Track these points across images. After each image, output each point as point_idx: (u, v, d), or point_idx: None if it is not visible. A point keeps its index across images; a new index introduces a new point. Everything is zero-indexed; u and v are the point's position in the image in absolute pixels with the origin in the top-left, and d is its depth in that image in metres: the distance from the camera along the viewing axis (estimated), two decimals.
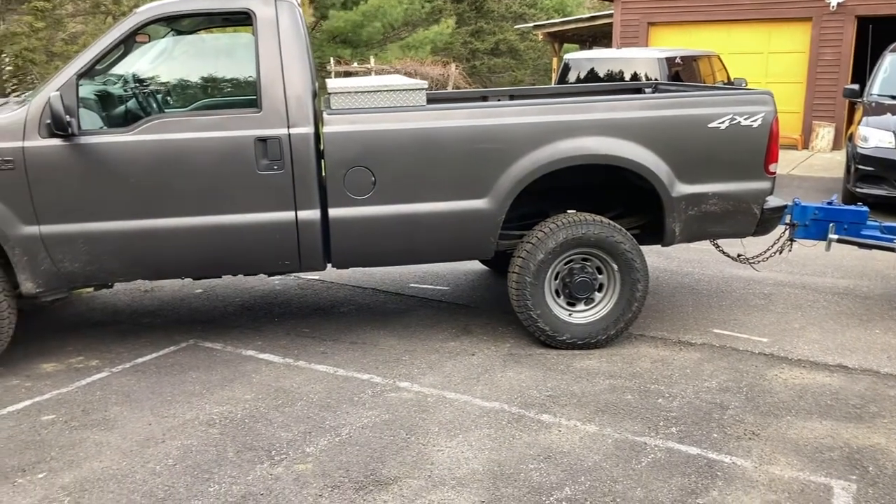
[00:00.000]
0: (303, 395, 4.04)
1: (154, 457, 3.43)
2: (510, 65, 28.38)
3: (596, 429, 3.67)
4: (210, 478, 3.27)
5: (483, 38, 28.12)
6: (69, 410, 3.89)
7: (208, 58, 5.14)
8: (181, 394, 4.06)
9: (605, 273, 4.59)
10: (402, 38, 24.87)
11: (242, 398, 4.01)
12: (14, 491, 3.19)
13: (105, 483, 3.23)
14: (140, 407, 3.92)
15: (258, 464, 3.38)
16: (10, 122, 4.07)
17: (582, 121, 4.37)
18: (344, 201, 4.31)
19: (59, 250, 4.15)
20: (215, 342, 4.78)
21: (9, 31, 13.87)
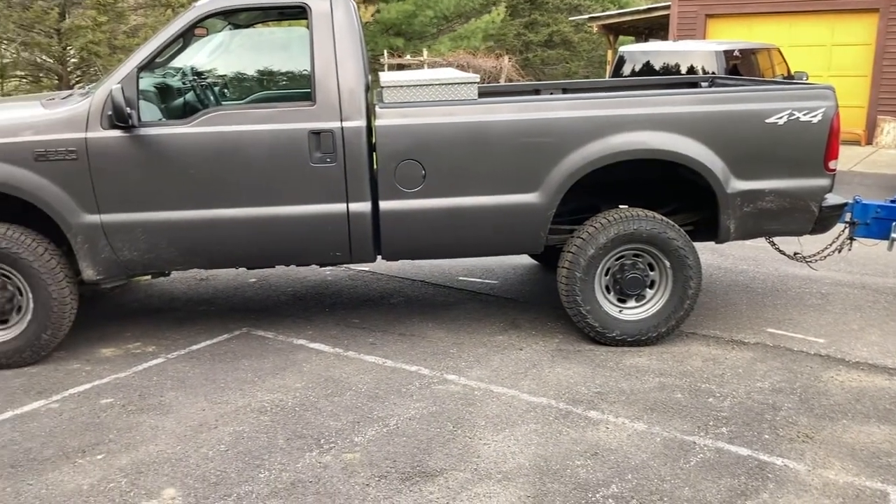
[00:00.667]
0: (352, 385, 4.09)
1: (207, 442, 3.52)
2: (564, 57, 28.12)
3: (644, 427, 3.64)
4: (261, 464, 3.34)
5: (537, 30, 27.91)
6: (126, 395, 4.01)
7: (264, 51, 5.22)
8: (234, 381, 4.15)
9: (657, 270, 4.54)
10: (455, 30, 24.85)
11: (293, 386, 4.08)
12: (74, 470, 3.30)
13: (160, 466, 3.33)
14: (194, 393, 4.02)
15: (307, 452, 3.43)
16: (74, 114, 4.19)
17: (636, 115, 4.31)
18: (394, 194, 4.34)
19: (119, 239, 4.27)
20: (267, 331, 4.87)
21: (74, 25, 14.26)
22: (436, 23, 24.55)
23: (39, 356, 4.36)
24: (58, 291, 4.27)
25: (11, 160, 4.13)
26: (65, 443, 3.52)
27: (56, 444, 3.51)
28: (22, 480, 3.23)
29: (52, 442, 3.53)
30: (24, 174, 4.13)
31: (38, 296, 4.26)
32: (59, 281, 4.27)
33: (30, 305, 4.30)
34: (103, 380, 4.18)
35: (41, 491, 3.15)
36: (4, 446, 3.50)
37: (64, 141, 4.15)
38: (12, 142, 4.14)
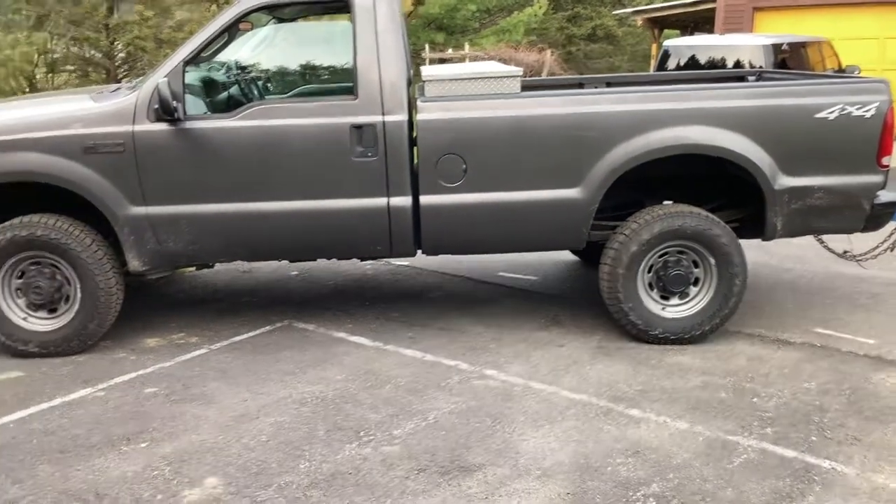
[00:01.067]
0: (391, 378, 4.10)
1: (248, 432, 3.56)
2: (607, 51, 27.84)
3: (686, 426, 3.58)
4: (301, 455, 3.36)
5: (580, 24, 27.68)
6: (170, 384, 4.07)
7: (307, 45, 5.25)
8: (275, 372, 4.18)
9: (702, 267, 4.46)
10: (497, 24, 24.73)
11: (333, 379, 4.10)
12: (119, 457, 3.36)
13: (202, 455, 3.37)
14: (236, 383, 4.06)
15: (347, 444, 3.45)
16: (121, 108, 4.26)
17: (682, 109, 4.25)
18: (435, 188, 4.33)
19: (164, 230, 4.33)
20: (308, 323, 4.90)
21: (122, 20, 14.52)
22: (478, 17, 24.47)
23: (86, 345, 4.45)
24: (104, 282, 4.35)
25: (62, 152, 4.21)
26: (110, 430, 3.59)
27: (102, 432, 3.58)
28: (70, 466, 3.30)
29: (99, 429, 3.60)
30: (73, 166, 4.22)
31: (86, 286, 4.35)
32: (105, 271, 4.35)
33: (77, 295, 4.39)
34: (148, 369, 4.26)
35: (88, 476, 3.22)
36: (53, 432, 3.58)
37: (112, 134, 4.22)
38: (63, 134, 4.23)
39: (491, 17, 25.34)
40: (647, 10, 18.50)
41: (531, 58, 20.05)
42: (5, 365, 4.34)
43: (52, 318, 4.44)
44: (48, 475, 3.23)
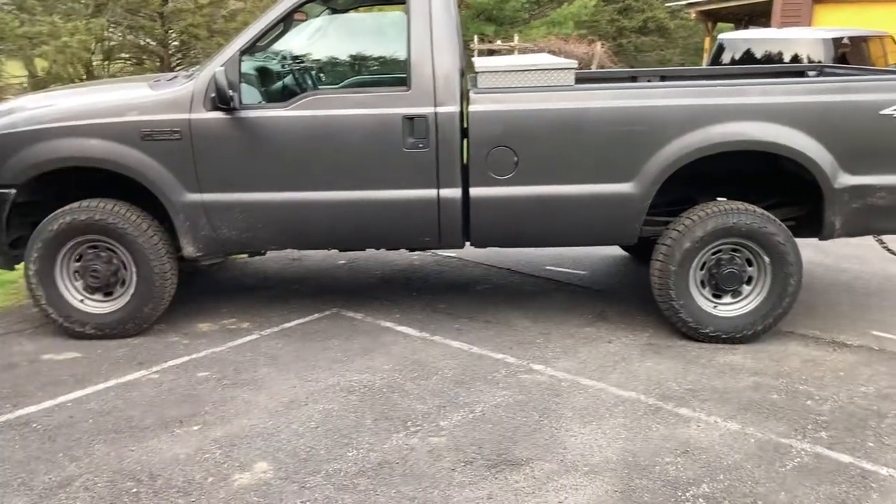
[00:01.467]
0: (438, 369, 4.11)
1: (297, 418, 3.60)
2: (658, 44, 27.42)
3: (738, 427, 3.52)
4: (349, 443, 3.39)
5: (631, 16, 27.29)
6: (221, 369, 4.14)
7: (361, 36, 5.27)
8: (324, 360, 4.22)
9: (756, 265, 4.38)
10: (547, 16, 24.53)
11: (381, 368, 4.12)
12: (172, 439, 3.43)
13: (252, 440, 3.42)
14: (286, 370, 4.11)
15: (394, 433, 3.47)
16: (178, 96, 4.33)
17: (739, 104, 4.16)
18: (485, 181, 4.32)
19: (219, 217, 4.40)
20: (356, 312, 4.94)
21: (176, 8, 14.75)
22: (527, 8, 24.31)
23: (141, 328, 4.55)
24: (159, 266, 4.44)
25: (120, 139, 4.30)
26: (164, 412, 3.66)
27: (155, 414, 3.65)
28: (124, 446, 3.38)
29: (152, 411, 3.68)
30: (131, 153, 4.30)
31: (141, 270, 4.44)
32: (160, 256, 4.44)
33: (133, 279, 4.48)
34: (200, 353, 4.33)
35: (141, 457, 3.29)
36: (109, 413, 3.67)
37: (169, 121, 4.29)
38: (121, 121, 4.31)
39: (541, 9, 25.15)
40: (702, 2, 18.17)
41: (581, 50, 19.87)
42: (63, 346, 4.46)
43: (108, 300, 4.55)
44: (104, 454, 3.31)
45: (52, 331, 4.62)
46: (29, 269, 4.42)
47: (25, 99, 4.95)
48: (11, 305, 5.18)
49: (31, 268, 4.41)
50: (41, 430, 3.51)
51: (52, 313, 4.48)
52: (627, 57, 26.55)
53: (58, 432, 3.49)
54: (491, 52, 19.77)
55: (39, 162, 4.35)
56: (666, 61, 26.52)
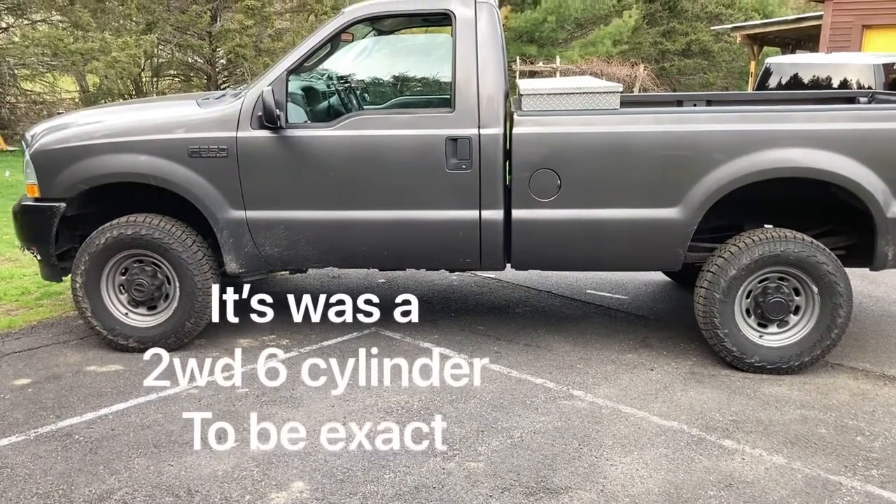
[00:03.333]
0: (476, 392, 4.07)
1: (335, 440, 3.58)
2: (702, 67, 27.21)
3: (784, 461, 3.42)
4: (385, 465, 3.37)
5: (674, 39, 27.15)
6: (260, 386, 4.14)
7: (406, 57, 5.30)
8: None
9: (803, 295, 4.28)
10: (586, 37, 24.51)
11: (419, 389, 4.10)
12: (211, 456, 3.44)
13: (290, 459, 3.42)
14: (324, 388, 4.10)
15: (431, 457, 3.44)
16: (226, 114, 4.39)
17: (788, 130, 4.09)
18: (528, 203, 4.30)
19: (262, 235, 4.43)
20: (395, 332, 4.93)
21: (224, 29, 15.05)
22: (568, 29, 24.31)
23: (183, 342, 4.59)
24: (203, 282, 4.49)
25: (168, 155, 4.37)
26: (203, 428, 3.66)
27: (195, 429, 3.66)
28: (164, 461, 3.40)
29: (191, 426, 3.69)
30: (178, 169, 4.37)
31: (185, 285, 4.49)
32: (204, 272, 4.49)
33: (176, 294, 4.54)
34: (240, 370, 4.34)
35: (181, 472, 3.30)
36: (149, 426, 3.70)
37: (216, 139, 4.35)
38: (170, 138, 4.39)
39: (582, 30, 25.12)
40: (747, 26, 18.02)
41: (623, 72, 19.81)
42: (106, 358, 4.52)
43: (151, 314, 4.60)
44: (143, 468, 3.33)
45: (96, 343, 4.69)
46: (76, 281, 4.50)
47: (77, 114, 5.07)
48: (58, 317, 5.27)
49: (78, 280, 4.49)
50: (83, 442, 3.55)
51: (96, 325, 4.55)
52: (670, 79, 26.39)
53: (99, 445, 3.53)
54: (532, 74, 19.80)
55: (89, 177, 4.44)
56: (709, 85, 26.31)
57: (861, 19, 13.62)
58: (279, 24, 17.16)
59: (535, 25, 22.20)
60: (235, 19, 15.05)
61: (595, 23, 25.07)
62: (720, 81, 27.05)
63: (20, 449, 3.50)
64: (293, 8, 17.37)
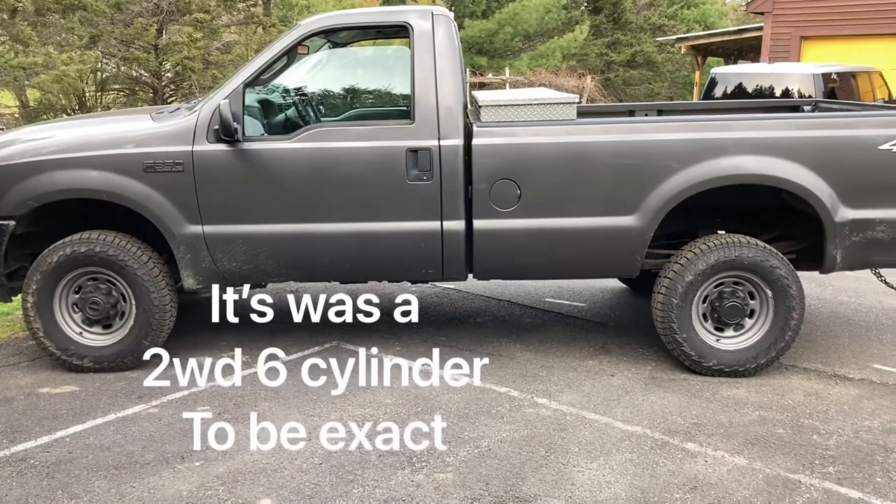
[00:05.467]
0: (441, 404, 4.07)
1: (301, 454, 3.55)
2: (647, 77, 27.78)
3: (745, 462, 3.50)
4: (353, 479, 3.34)
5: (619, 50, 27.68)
6: (222, 403, 4.08)
7: (362, 69, 5.30)
8: (325, 394, 4.17)
9: (758, 298, 4.38)
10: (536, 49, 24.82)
11: (383, 402, 4.08)
12: (174, 476, 3.37)
13: (256, 476, 3.37)
14: (287, 405, 4.06)
15: (399, 469, 3.42)
16: (181, 128, 4.33)
17: (740, 138, 4.20)
18: (489, 213, 4.33)
19: (220, 249, 4.37)
20: (357, 345, 4.89)
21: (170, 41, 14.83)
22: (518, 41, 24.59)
23: (140, 361, 4.49)
24: (159, 299, 4.40)
25: (122, 171, 4.28)
26: (164, 448, 3.60)
27: (156, 449, 3.59)
28: (125, 483, 3.32)
29: (153, 446, 3.62)
30: (133, 185, 4.28)
31: (141, 302, 4.40)
32: (161, 289, 4.40)
33: (132, 312, 4.44)
34: (199, 387, 4.27)
35: (143, 494, 3.23)
36: (108, 448, 3.61)
37: (171, 153, 4.28)
38: (124, 153, 4.30)
39: (530, 42, 25.45)
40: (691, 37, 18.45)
41: (571, 83, 20.09)
42: (61, 379, 4.40)
43: (106, 333, 4.50)
44: (104, 491, 3.25)
45: (49, 364, 4.56)
46: (27, 300, 4.37)
47: (25, 130, 4.93)
48: (7, 338, 5.12)
49: (30, 300, 4.36)
50: (39, 467, 3.45)
51: (49, 346, 4.42)
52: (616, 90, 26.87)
53: (56, 469, 3.43)
54: (482, 86, 19.95)
55: (39, 194, 4.33)
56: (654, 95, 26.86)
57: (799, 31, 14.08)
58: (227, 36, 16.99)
59: (488, 36, 22.40)
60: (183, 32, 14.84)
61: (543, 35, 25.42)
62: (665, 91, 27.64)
63: None
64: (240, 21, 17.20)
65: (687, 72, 27.11)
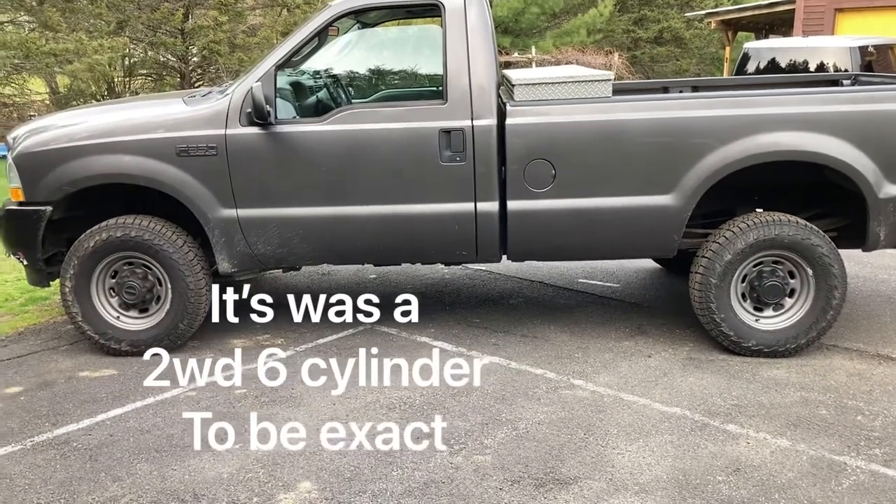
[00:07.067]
0: (477, 386, 4.05)
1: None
2: (674, 54, 27.32)
3: (788, 443, 3.44)
4: (392, 461, 3.34)
5: (646, 27, 27.23)
6: (258, 386, 4.09)
7: (393, 49, 5.25)
8: (362, 376, 4.14)
9: (798, 277, 4.30)
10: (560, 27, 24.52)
11: (419, 385, 4.07)
12: (214, 458, 3.39)
13: (295, 458, 3.38)
14: (323, 387, 4.06)
15: (438, 451, 3.41)
16: (214, 111, 4.32)
17: (782, 114, 4.10)
18: (523, 194, 4.28)
19: (254, 233, 4.37)
20: (391, 327, 4.89)
21: (196, 25, 14.84)
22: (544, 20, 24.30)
23: (176, 344, 4.52)
24: (195, 283, 4.42)
25: (156, 155, 4.29)
26: (204, 430, 3.61)
27: (195, 432, 3.61)
28: (166, 465, 3.34)
29: (192, 429, 3.63)
30: (167, 169, 4.29)
31: (176, 286, 4.42)
32: (196, 273, 4.42)
33: (168, 295, 4.46)
34: (240, 369, 4.28)
35: (185, 476, 3.25)
36: (149, 431, 3.64)
37: (204, 137, 4.27)
38: (157, 137, 4.31)
39: (556, 20, 25.13)
40: (721, 12, 18.09)
41: (598, 61, 19.85)
42: (99, 362, 4.44)
43: (143, 317, 4.53)
44: (146, 474, 3.28)
45: (87, 347, 4.61)
46: (65, 286, 4.41)
47: (58, 116, 4.97)
48: (45, 322, 5.18)
49: (68, 285, 4.40)
50: (82, 450, 3.49)
51: (87, 330, 4.46)
52: (643, 67, 26.47)
53: (99, 451, 3.46)
54: (508, 65, 19.77)
55: (75, 179, 4.35)
56: (682, 71, 26.43)
57: (833, 3, 13.75)
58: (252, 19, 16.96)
59: (514, 15, 22.16)
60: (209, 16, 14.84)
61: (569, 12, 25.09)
62: (693, 68, 27.18)
63: (17, 459, 3.43)
64: (265, 3, 17.16)
65: (715, 48, 26.64)
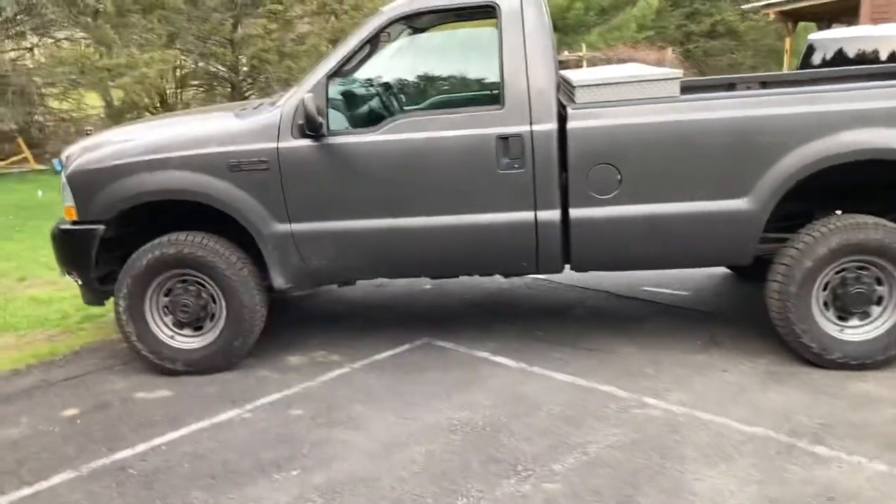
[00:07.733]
0: (543, 404, 3.85)
1: (399, 462, 3.38)
2: (729, 47, 26.67)
3: (885, 468, 3.16)
4: (457, 489, 3.16)
5: (699, 20, 26.65)
6: (315, 406, 3.96)
7: (447, 54, 5.08)
8: (420, 395, 4.01)
9: (886, 284, 4.00)
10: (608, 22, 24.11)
11: (481, 403, 3.89)
12: (271, 486, 3.26)
13: (355, 486, 3.22)
14: (381, 407, 3.91)
15: (504, 478, 3.22)
16: (265, 124, 4.20)
17: (868, 109, 3.81)
18: (586, 201, 4.07)
19: (309, 248, 4.25)
20: (447, 341, 4.72)
21: (246, 35, 14.94)
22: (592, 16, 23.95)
23: (231, 363, 4.42)
24: (249, 299, 4.31)
25: (208, 170, 4.19)
26: (260, 455, 3.50)
27: (251, 457, 3.49)
28: (222, 493, 3.22)
29: (248, 454, 3.52)
30: (219, 184, 4.19)
31: (231, 303, 4.32)
32: (250, 289, 4.31)
33: (222, 313, 4.36)
34: (292, 389, 4.17)
35: None
36: (204, 456, 3.53)
37: (256, 151, 4.17)
38: (208, 152, 4.21)
39: (604, 16, 24.74)
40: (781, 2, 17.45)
41: (651, 57, 19.45)
42: (154, 383, 4.36)
43: (197, 335, 4.44)
44: (201, 502, 3.16)
45: (141, 367, 4.54)
46: (119, 304, 4.35)
47: (111, 132, 4.92)
48: (100, 341, 5.13)
49: (121, 303, 4.34)
50: (138, 477, 3.39)
51: (142, 349, 4.39)
52: (696, 62, 25.89)
53: (154, 478, 3.36)
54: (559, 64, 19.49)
55: (128, 196, 4.28)
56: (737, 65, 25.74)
57: None
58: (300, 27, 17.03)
59: (560, 12, 21.88)
60: (258, 24, 14.94)
61: (616, 7, 24.67)
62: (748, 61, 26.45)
63: (74, 486, 3.34)
64: (313, 11, 17.20)
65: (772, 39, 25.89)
